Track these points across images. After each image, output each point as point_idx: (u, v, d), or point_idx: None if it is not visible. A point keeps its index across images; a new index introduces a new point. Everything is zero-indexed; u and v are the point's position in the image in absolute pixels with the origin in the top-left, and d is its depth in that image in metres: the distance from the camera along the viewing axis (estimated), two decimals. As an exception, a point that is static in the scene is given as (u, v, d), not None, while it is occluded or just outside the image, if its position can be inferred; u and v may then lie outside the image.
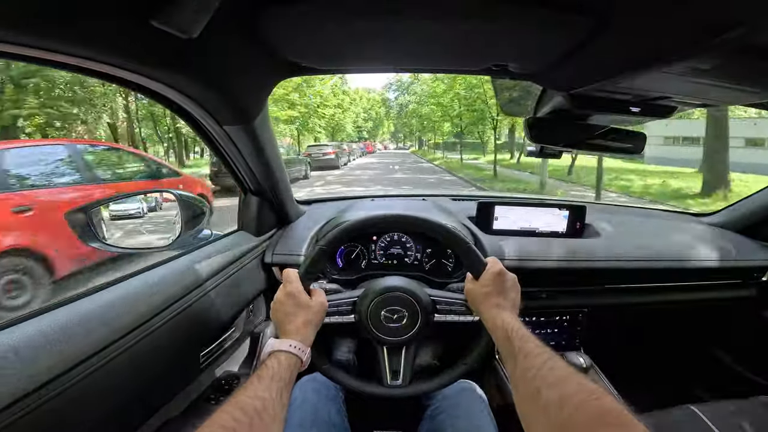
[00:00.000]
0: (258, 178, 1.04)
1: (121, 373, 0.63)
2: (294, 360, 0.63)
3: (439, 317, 0.80)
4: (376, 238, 1.24)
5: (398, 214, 0.80)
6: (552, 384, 0.49)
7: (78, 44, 0.45)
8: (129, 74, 0.55)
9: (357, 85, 39.19)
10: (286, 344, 0.64)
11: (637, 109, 0.81)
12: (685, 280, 1.31)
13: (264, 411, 0.52)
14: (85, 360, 0.57)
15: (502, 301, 0.70)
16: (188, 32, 0.48)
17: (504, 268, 0.75)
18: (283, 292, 0.72)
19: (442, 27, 0.62)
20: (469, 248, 0.77)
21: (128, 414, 0.70)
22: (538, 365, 0.52)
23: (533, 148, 1.08)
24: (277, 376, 0.58)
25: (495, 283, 0.72)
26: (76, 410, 0.56)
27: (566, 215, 1.29)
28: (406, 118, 44.50)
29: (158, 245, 1.02)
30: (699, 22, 0.46)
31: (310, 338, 0.69)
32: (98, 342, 0.59)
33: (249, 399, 0.52)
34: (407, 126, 46.98)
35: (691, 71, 0.55)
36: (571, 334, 1.28)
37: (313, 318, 0.71)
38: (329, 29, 0.63)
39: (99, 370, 0.58)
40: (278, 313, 0.71)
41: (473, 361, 0.80)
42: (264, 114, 0.85)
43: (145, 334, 0.68)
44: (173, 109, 0.73)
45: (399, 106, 52.37)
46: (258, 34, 0.62)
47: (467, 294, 0.76)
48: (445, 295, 0.82)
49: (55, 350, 0.54)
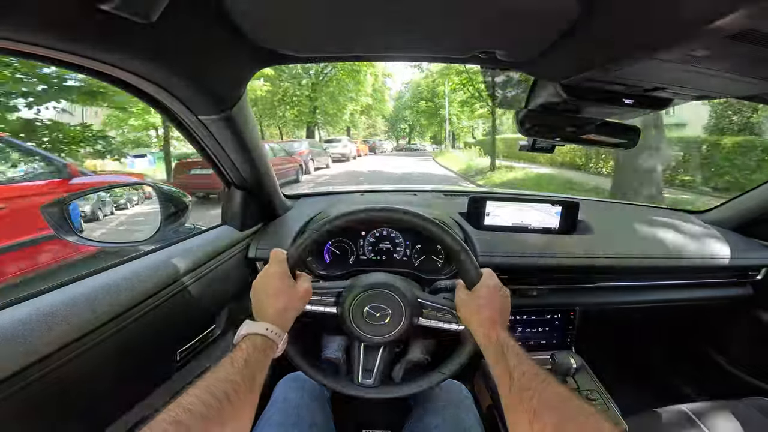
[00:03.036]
0: (240, 170, 1.01)
1: (85, 373, 0.61)
2: (269, 344, 0.61)
3: (424, 321, 0.78)
4: (364, 233, 1.21)
5: (395, 209, 0.77)
6: (552, 407, 0.48)
7: (23, 31, 0.42)
8: (89, 62, 0.52)
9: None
10: (263, 327, 0.61)
11: (630, 101, 0.79)
12: (679, 278, 1.28)
13: (235, 395, 0.49)
14: (46, 357, 0.54)
15: (496, 315, 0.67)
16: (146, 16, 0.44)
17: (500, 281, 0.73)
18: (268, 271, 0.69)
19: (427, 11, 0.59)
20: (467, 256, 0.74)
21: (98, 411, 0.67)
22: (535, 386, 0.52)
23: (525, 142, 1.05)
24: (251, 359, 0.55)
25: (489, 296, 0.70)
26: (38, 407, 0.54)
27: (559, 211, 1.27)
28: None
29: (137, 239, 0.98)
30: (693, 6, 0.43)
31: (288, 324, 0.67)
32: (59, 339, 0.57)
33: (219, 382, 0.49)
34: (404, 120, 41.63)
35: (686, 59, 0.52)
36: (562, 333, 1.26)
37: (294, 303, 0.68)
38: (304, 14, 0.59)
39: (61, 368, 0.56)
40: (259, 293, 0.68)
41: (451, 372, 0.78)
42: (242, 104, 0.81)
43: (112, 332, 0.65)
44: (145, 99, 0.69)
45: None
46: (225, 18, 0.58)
47: (458, 304, 0.73)
48: (433, 300, 0.79)
49: (14, 346, 0.51)
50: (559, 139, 0.96)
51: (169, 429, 0.41)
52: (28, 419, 0.53)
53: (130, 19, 0.44)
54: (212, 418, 0.45)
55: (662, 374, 1.59)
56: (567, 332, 1.26)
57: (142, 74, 0.60)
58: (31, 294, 0.60)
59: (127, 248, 0.98)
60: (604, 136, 0.95)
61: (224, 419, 0.46)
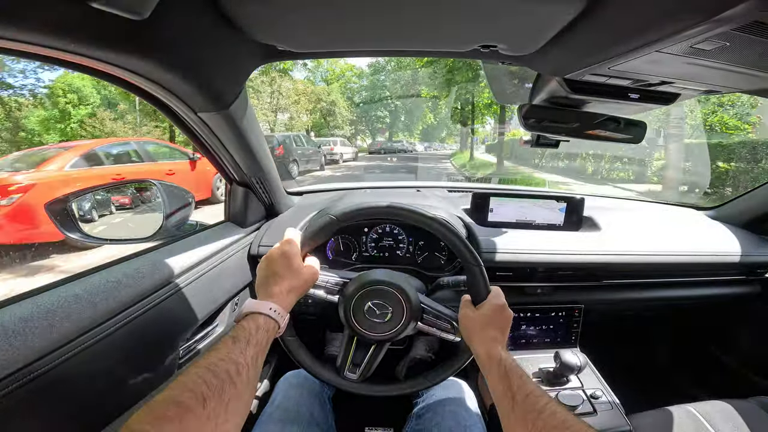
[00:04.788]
0: (242, 167, 1.01)
1: (87, 370, 0.61)
2: (272, 324, 0.60)
3: (422, 327, 0.78)
4: (367, 230, 1.21)
5: (421, 212, 0.76)
6: (555, 427, 0.48)
7: (12, 29, 0.41)
8: (84, 60, 0.52)
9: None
10: (266, 307, 0.60)
11: (636, 96, 0.77)
12: (686, 275, 1.26)
13: (237, 376, 0.48)
14: (47, 354, 0.54)
15: (499, 335, 0.67)
16: (138, 13, 0.44)
17: (506, 301, 0.73)
18: (280, 250, 0.68)
19: (427, 5, 0.57)
20: (481, 273, 0.73)
21: (100, 408, 0.68)
22: (540, 408, 0.52)
23: (528, 137, 1.04)
24: (254, 339, 0.54)
25: (494, 315, 0.70)
26: (40, 404, 0.54)
27: (564, 208, 1.26)
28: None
29: (139, 236, 0.99)
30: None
31: (291, 305, 0.66)
32: (61, 337, 0.57)
33: (222, 362, 0.48)
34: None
35: (692, 52, 0.51)
36: (567, 331, 1.25)
37: (300, 285, 0.67)
38: (302, 9, 0.58)
39: (63, 365, 0.56)
40: (266, 270, 0.67)
41: (435, 383, 0.78)
42: (242, 100, 0.81)
43: (113, 329, 0.65)
44: (144, 96, 0.69)
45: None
46: (221, 14, 0.58)
47: (462, 319, 0.73)
48: (435, 309, 0.79)
49: (15, 344, 0.51)
50: (563, 134, 0.95)
51: (170, 409, 0.40)
52: (30, 416, 0.53)
53: (123, 16, 0.44)
54: (214, 398, 0.44)
55: (668, 373, 1.57)
56: (571, 330, 1.25)
57: (139, 71, 0.59)
58: (32, 291, 0.60)
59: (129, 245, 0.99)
60: (609, 131, 0.93)
61: (226, 400, 0.45)
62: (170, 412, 0.40)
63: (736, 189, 6.05)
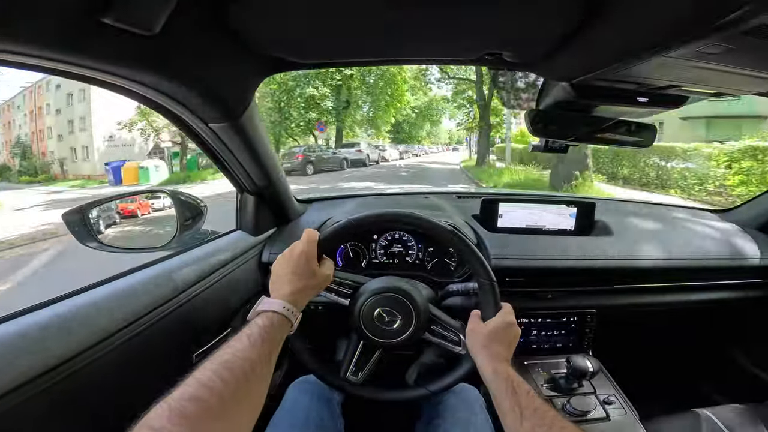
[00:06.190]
0: (252, 176, 1.02)
1: (103, 376, 0.62)
2: (286, 323, 0.60)
3: (428, 337, 0.79)
4: (377, 237, 1.21)
5: (443, 227, 0.78)
6: None
7: (24, 44, 0.42)
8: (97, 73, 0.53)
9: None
10: (280, 305, 0.61)
11: (644, 100, 0.77)
12: (701, 279, 1.24)
13: (252, 374, 0.48)
14: (65, 362, 0.55)
15: (505, 351, 0.68)
16: (148, 28, 0.45)
17: (515, 318, 0.73)
18: (298, 249, 0.69)
19: (433, 13, 0.58)
20: (493, 291, 0.74)
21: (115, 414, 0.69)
22: (549, 423, 0.52)
23: (537, 142, 1.04)
24: (268, 337, 0.55)
25: (503, 331, 0.71)
26: (57, 410, 0.55)
27: (574, 212, 1.25)
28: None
29: (154, 245, 1.01)
30: (703, 1, 0.42)
31: (303, 304, 0.67)
32: (78, 345, 0.58)
33: (237, 359, 0.48)
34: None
35: (698, 56, 0.51)
36: (578, 336, 1.23)
37: (314, 286, 0.69)
38: (309, 22, 0.60)
39: (79, 372, 0.57)
40: (282, 268, 0.68)
41: (433, 393, 0.80)
42: (251, 111, 0.82)
43: (130, 336, 0.66)
44: (156, 109, 0.71)
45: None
46: (230, 29, 0.59)
47: (470, 333, 0.74)
48: (443, 320, 0.80)
49: (34, 351, 0.53)
50: (572, 138, 0.95)
51: (188, 406, 0.41)
52: (47, 422, 0.55)
53: (133, 31, 0.45)
54: (229, 395, 0.44)
55: (684, 378, 1.54)
56: (584, 335, 1.23)
57: (150, 85, 0.61)
58: (51, 300, 0.62)
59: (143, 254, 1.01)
60: (619, 135, 0.93)
61: (240, 397, 0.45)
62: (187, 409, 0.40)
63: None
